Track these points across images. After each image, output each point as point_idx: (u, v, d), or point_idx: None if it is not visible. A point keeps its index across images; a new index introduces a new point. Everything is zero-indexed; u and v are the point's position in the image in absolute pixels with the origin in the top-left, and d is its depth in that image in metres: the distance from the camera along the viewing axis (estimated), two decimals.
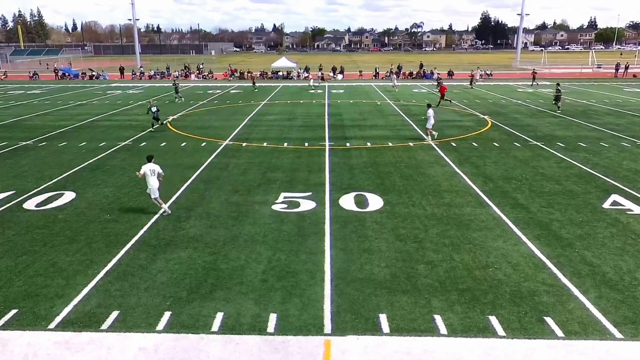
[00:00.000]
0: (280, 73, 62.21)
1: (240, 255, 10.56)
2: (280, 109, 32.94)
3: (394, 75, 50.04)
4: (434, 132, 22.03)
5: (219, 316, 8.28)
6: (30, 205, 13.84)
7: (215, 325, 8.01)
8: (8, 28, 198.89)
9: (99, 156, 19.64)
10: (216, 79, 61.47)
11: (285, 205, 13.64)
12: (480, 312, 8.36)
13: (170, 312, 8.38)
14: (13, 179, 16.41)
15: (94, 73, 64.51)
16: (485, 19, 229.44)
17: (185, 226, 12.20)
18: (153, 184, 12.76)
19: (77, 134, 24.66)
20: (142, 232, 11.86)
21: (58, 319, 8.20)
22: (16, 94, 45.09)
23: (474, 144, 21.37)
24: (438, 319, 8.17)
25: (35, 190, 15.18)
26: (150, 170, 12.77)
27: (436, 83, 43.47)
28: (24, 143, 22.27)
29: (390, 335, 7.77)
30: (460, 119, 28.05)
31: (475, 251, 10.68)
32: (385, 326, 8.00)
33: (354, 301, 8.73)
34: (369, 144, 21.69)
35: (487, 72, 60.21)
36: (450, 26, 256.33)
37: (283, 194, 14.66)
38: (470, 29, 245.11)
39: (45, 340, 7.63)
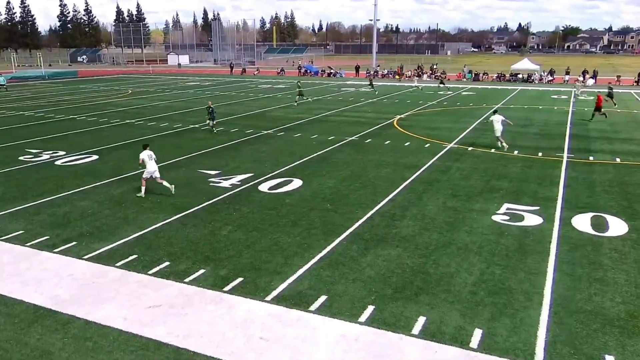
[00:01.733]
0: (520, 75, 58.81)
1: (451, 263, 10.38)
2: (514, 114, 31.17)
3: None
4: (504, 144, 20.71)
5: (421, 320, 8.28)
6: (264, 187, 15.74)
7: (416, 329, 8.03)
8: (265, 29, 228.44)
9: (327, 149, 21.28)
10: (449, 79, 61.09)
11: (507, 217, 12.92)
12: None
13: (373, 307, 8.69)
14: (253, 163, 18.86)
15: (332, 71, 69.99)
16: None
17: (398, 225, 12.48)
18: (151, 168, 14.60)
19: (310, 126, 27.12)
20: (357, 225, 12.50)
21: (274, 293, 9.18)
22: (265, 87, 51.56)
23: None
24: None
25: (270, 174, 17.19)
26: (148, 156, 14.70)
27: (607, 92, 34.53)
28: (266, 132, 25.37)
29: None
30: None
31: None
32: None
33: (575, 334, 7.85)
34: (618, 159, 19.16)
35: None
36: None
37: (506, 205, 13.90)
38: None
39: (262, 310, 8.63)
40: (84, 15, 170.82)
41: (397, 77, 64.45)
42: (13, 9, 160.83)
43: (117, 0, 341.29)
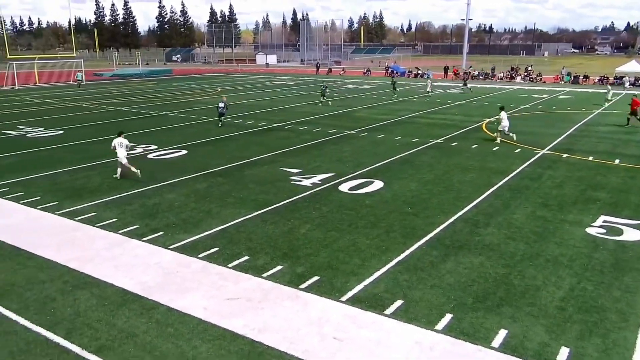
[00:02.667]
0: (626, 78, 54.95)
1: (537, 275, 9.92)
2: (617, 120, 29.21)
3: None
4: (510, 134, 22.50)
5: (502, 333, 7.98)
6: (344, 187, 15.82)
7: (497, 341, 7.76)
8: (353, 29, 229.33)
9: (410, 151, 21.03)
10: (544, 82, 58.33)
11: (604, 231, 12.15)
12: None
13: (451, 315, 8.49)
14: (335, 163, 19.01)
15: (419, 71, 69.03)
16: None
17: (482, 232, 12.10)
18: (121, 154, 16.39)
19: (394, 128, 26.91)
20: (438, 230, 12.27)
21: (350, 294, 9.21)
22: (350, 87, 51.78)
23: None
24: None
25: (351, 175, 17.26)
26: (119, 144, 16.40)
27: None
28: (349, 132, 25.48)
29: None
30: None
31: None
32: None
33: None
34: None
35: None
36: None
37: (603, 217, 13.07)
38: None
39: (337, 310, 8.69)
40: (180, 16, 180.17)
41: (455, 77, 63.86)
42: (117, 11, 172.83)
43: (211, 2, 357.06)
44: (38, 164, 18.79)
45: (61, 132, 26.13)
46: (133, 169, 16.45)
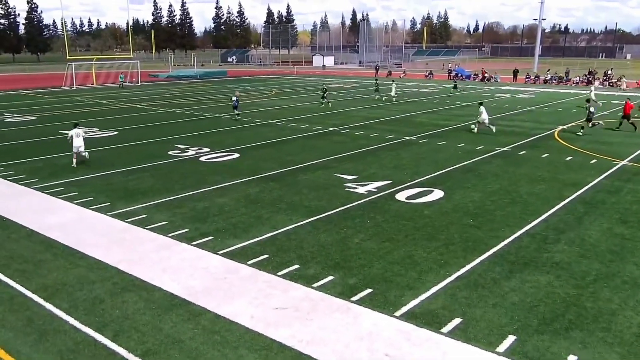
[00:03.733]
0: None
1: (613, 297, 9.47)
2: None
3: None
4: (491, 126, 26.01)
5: (571, 359, 7.66)
6: (401, 196, 15.67)
7: None
8: (415, 30, 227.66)
9: (474, 159, 20.61)
10: (627, 87, 55.84)
11: None
12: None
13: (515, 337, 8.22)
14: (392, 170, 18.87)
15: (486, 75, 67.66)
16: None
17: (551, 249, 11.68)
18: (77, 143, 19.23)
19: (456, 134, 26.45)
20: (502, 244, 11.94)
21: (404, 309, 9.09)
22: (411, 91, 51.35)
23: None
24: None
25: (409, 183, 17.07)
26: (76, 134, 19.37)
27: None
28: (408, 138, 25.24)
29: None
30: None
31: None
32: None
33: None
34: None
35: None
36: None
37: None
38: None
39: (389, 325, 8.59)
40: (236, 17, 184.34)
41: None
42: (174, 12, 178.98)
43: (268, 2, 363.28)
44: (92, 165, 19.63)
45: (115, 132, 27.21)
46: (76, 159, 19.45)
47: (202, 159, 20.84)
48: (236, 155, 21.50)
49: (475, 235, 12.54)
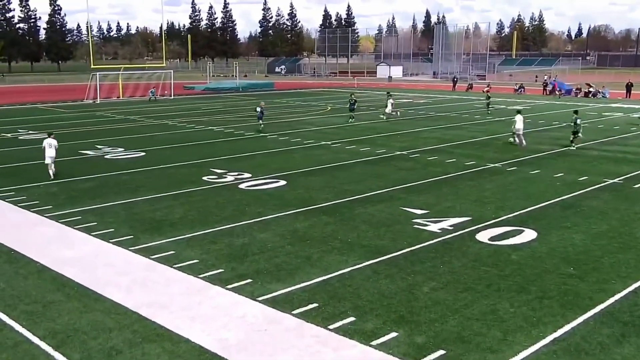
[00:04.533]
0: None
1: None
2: None
3: None
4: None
5: None
6: (483, 237, 15.37)
7: None
8: (503, 35, 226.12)
9: (576, 193, 20.08)
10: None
11: None
12: None
13: None
14: (472, 204, 18.60)
15: (591, 89, 66.23)
16: None
17: None
18: (50, 154, 21.74)
19: (553, 161, 25.91)
20: (611, 300, 11.49)
21: None
22: (497, 108, 50.71)
23: None
24: None
25: (493, 220, 16.75)
26: (48, 144, 21.78)
27: None
28: (492, 165, 24.89)
29: None
30: None
31: None
32: None
33: None
34: None
35: None
36: None
37: None
38: None
39: None
40: (287, 20, 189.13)
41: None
42: (215, 14, 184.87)
43: (325, 3, 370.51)
44: (115, 190, 20.26)
45: (143, 153, 28.08)
46: (52, 170, 21.86)
47: (242, 186, 21.15)
48: (282, 182, 21.73)
49: (576, 287, 12.14)
